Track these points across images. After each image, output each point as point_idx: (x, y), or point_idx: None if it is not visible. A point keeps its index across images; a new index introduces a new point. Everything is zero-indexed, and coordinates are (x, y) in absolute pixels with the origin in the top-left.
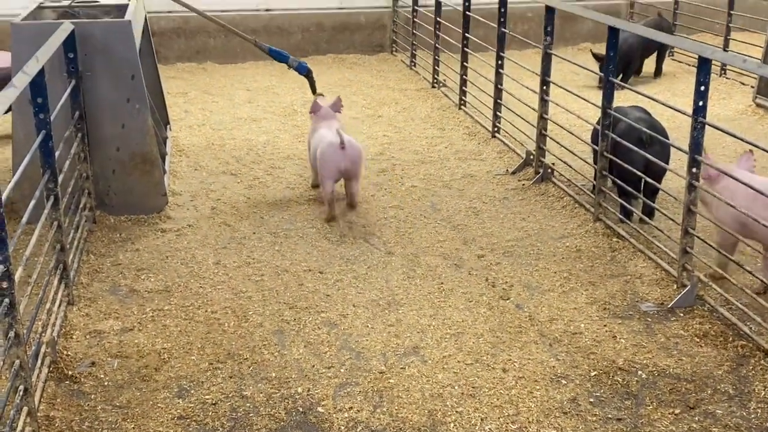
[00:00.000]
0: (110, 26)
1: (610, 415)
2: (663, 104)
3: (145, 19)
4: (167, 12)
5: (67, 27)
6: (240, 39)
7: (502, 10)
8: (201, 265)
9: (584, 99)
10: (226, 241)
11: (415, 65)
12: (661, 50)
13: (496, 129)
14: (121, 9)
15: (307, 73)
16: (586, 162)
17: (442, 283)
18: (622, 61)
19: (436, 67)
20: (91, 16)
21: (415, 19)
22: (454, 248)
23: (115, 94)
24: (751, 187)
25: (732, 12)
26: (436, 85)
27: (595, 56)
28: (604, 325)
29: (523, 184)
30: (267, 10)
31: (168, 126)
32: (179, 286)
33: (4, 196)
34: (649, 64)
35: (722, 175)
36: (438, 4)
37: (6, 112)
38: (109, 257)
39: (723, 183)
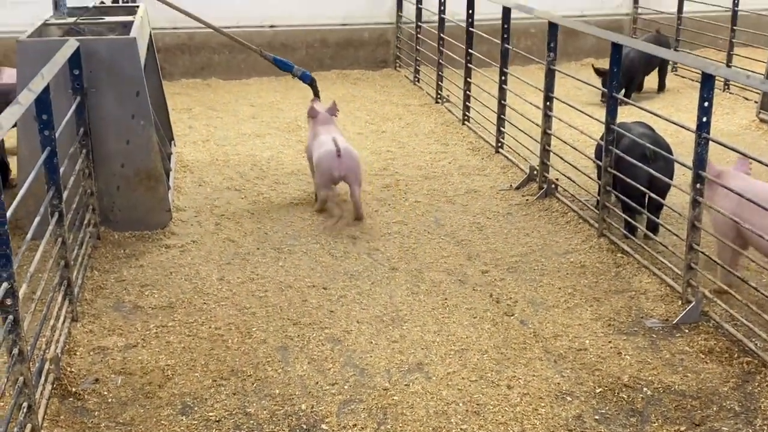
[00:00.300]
0: (115, 43)
1: None
2: (666, 120)
3: (150, 35)
4: (172, 28)
5: (72, 44)
6: (244, 55)
7: (506, 26)
8: (205, 281)
9: (587, 114)
10: (230, 256)
11: (418, 81)
12: (663, 65)
13: (499, 144)
14: (126, 26)
15: (311, 82)
16: (590, 177)
17: (446, 299)
18: (624, 77)
19: (440, 83)
20: (96, 33)
21: (418, 35)
22: (458, 264)
23: (120, 110)
24: (738, 193)
25: (735, 27)
26: (439, 100)
27: (597, 71)
28: (609, 342)
29: (527, 200)
30: (271, 26)
31: (172, 142)
32: (183, 302)
33: (9, 213)
34: (652, 80)
35: (720, 179)
36: (441, 20)
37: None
38: (113, 273)
39: (718, 188)
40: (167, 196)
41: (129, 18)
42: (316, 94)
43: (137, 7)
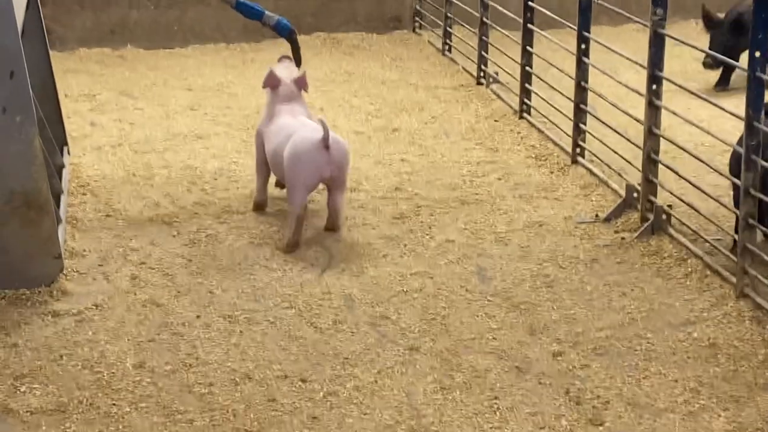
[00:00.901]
0: None
1: None
2: None
3: None
4: None
5: None
6: (179, 11)
7: None
8: (114, 369)
9: (714, 104)
10: (155, 330)
11: (450, 50)
12: None
13: (578, 150)
14: None
15: (289, 35)
16: (722, 204)
17: (495, 398)
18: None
19: (484, 53)
20: None
21: None
22: (514, 341)
23: None
24: None
25: None
26: (483, 80)
27: (709, 21)
28: None
29: (623, 238)
30: None
31: (65, 148)
32: (80, 403)
33: None
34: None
35: None
36: None
37: None
38: None
39: None
40: (56, 234)
41: None
42: (296, 55)
43: None
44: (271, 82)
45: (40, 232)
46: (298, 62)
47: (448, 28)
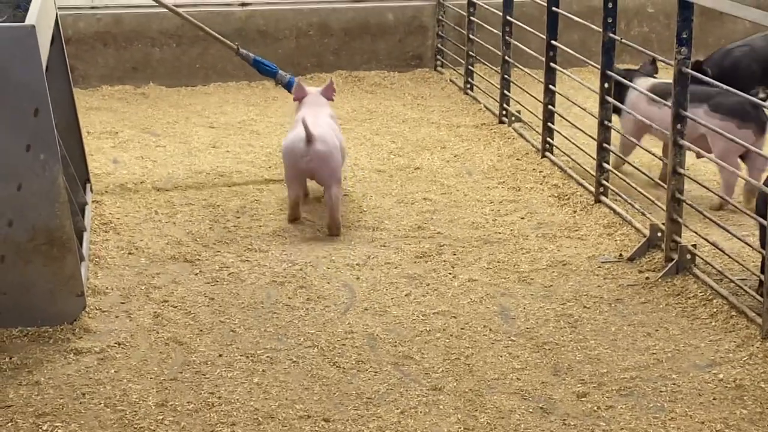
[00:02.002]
0: (3, 34)
1: None
2: None
3: (57, 20)
4: (89, 8)
5: None
6: (200, 49)
7: (610, 4)
8: (137, 408)
9: (738, 142)
10: (177, 368)
11: (472, 88)
12: None
13: (602, 189)
14: (21, 7)
15: None
16: (747, 244)
17: None
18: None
19: (506, 92)
20: None
21: (472, 18)
22: (538, 382)
23: (9, 138)
24: None
25: None
26: (505, 118)
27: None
28: None
29: (647, 278)
30: (242, 4)
31: (88, 185)
32: None
33: None
34: None
35: None
36: None
37: None
38: None
39: None
40: (79, 272)
41: None
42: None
43: None
44: (299, 94)
45: (63, 270)
46: None
47: (469, 67)
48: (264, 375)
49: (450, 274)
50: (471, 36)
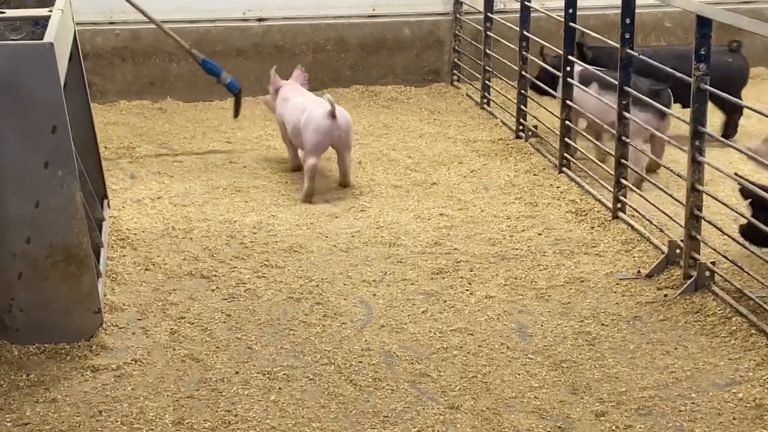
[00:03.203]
0: (22, 51)
1: None
2: None
3: (75, 36)
4: (107, 23)
5: None
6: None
7: (627, 20)
8: (153, 426)
9: (758, 159)
10: (194, 386)
11: (488, 103)
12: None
13: (619, 205)
14: (39, 23)
15: (237, 92)
16: (766, 261)
17: None
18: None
19: (523, 107)
20: None
21: (488, 33)
22: (556, 400)
23: (26, 155)
24: None
25: None
26: (522, 133)
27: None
28: None
29: (666, 295)
30: (260, 20)
31: (105, 201)
32: None
33: None
34: None
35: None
36: (525, 10)
37: None
38: (10, 412)
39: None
40: (96, 289)
41: (43, 12)
42: (237, 109)
43: None
44: (278, 84)
45: (80, 287)
46: (236, 114)
47: (486, 81)
48: (280, 393)
49: (467, 290)
50: (488, 51)
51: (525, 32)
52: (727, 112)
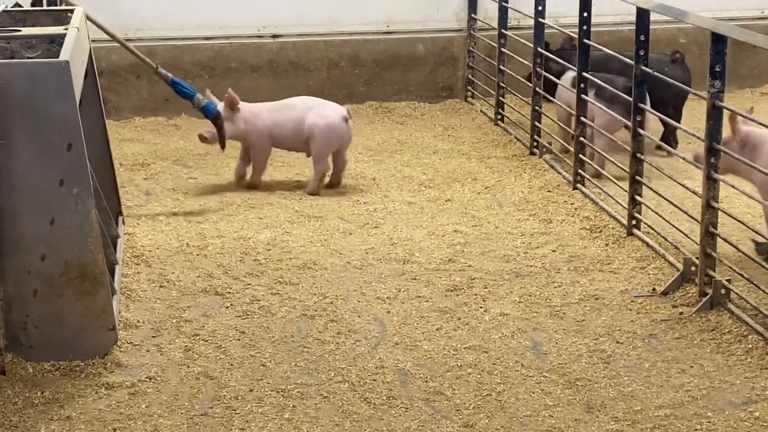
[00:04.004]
0: (37, 69)
1: None
2: None
3: (90, 54)
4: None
5: None
6: (232, 79)
7: (642, 37)
8: None
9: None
10: (208, 403)
11: (502, 119)
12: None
13: (634, 222)
14: (55, 41)
15: (216, 118)
16: None
17: None
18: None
19: (537, 123)
20: (8, 52)
21: (502, 49)
22: (571, 419)
23: (42, 173)
24: None
25: None
26: (536, 150)
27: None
28: None
29: (681, 313)
30: (274, 36)
31: (120, 217)
32: None
33: None
34: None
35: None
36: (539, 27)
37: None
38: (25, 430)
39: None
40: (111, 306)
41: (58, 29)
42: (222, 137)
43: (71, 12)
44: (235, 102)
45: (95, 304)
46: (222, 144)
47: (500, 98)
48: (294, 411)
49: (481, 307)
50: (502, 67)
51: (539, 48)
52: (665, 123)
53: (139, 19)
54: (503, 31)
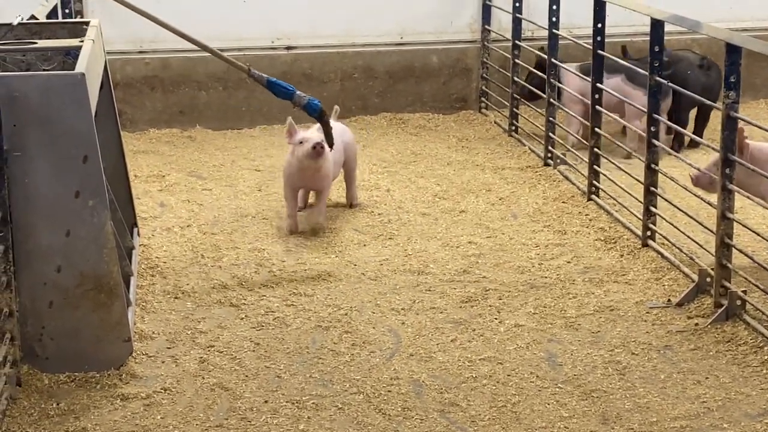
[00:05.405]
0: (53, 82)
1: None
2: None
3: (105, 66)
4: (137, 53)
5: None
6: (246, 92)
7: (656, 47)
8: None
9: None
10: (223, 414)
11: (516, 130)
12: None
13: (649, 233)
14: (70, 53)
15: (320, 115)
16: None
17: None
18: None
19: (551, 134)
20: (23, 64)
21: (516, 60)
22: (586, 430)
23: (58, 184)
24: None
25: None
26: (551, 161)
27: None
28: None
29: (696, 324)
30: (288, 48)
31: (135, 229)
32: None
33: None
34: None
35: None
36: (553, 38)
37: None
38: None
39: None
40: (126, 317)
41: (74, 42)
42: (329, 134)
43: (87, 24)
44: (294, 131)
45: (110, 316)
46: (330, 143)
47: (514, 109)
48: (309, 422)
49: (496, 319)
50: (515, 78)
51: (553, 60)
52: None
53: (153, 32)
54: (517, 42)
